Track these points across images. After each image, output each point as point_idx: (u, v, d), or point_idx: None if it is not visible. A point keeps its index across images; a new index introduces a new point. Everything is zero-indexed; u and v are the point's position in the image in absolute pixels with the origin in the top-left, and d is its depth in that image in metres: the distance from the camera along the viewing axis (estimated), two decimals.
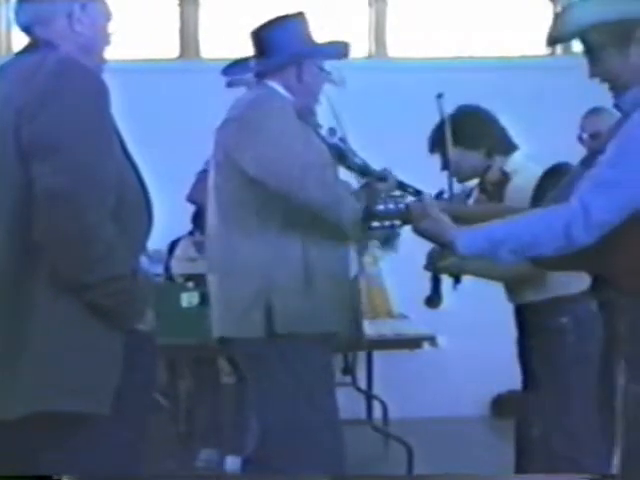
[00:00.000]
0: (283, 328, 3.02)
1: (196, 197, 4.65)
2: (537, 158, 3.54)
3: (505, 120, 3.59)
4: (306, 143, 3.08)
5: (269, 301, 3.03)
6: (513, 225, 2.40)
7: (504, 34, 6.61)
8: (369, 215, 2.52)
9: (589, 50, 2.43)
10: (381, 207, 2.49)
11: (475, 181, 3.56)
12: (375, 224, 2.51)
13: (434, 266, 3.14)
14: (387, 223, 2.49)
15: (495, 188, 3.48)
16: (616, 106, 2.45)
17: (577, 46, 2.60)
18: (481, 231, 2.42)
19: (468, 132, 3.47)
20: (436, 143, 3.47)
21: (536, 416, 3.52)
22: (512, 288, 3.49)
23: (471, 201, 3.58)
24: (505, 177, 3.46)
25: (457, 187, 3.41)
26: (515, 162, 3.48)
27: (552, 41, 2.60)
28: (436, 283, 3.25)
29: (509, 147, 3.53)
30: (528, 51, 6.64)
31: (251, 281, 3.05)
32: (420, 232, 2.48)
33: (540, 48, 6.66)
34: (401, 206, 2.49)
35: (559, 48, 6.57)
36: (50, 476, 2.19)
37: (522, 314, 3.57)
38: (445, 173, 3.35)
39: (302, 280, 3.04)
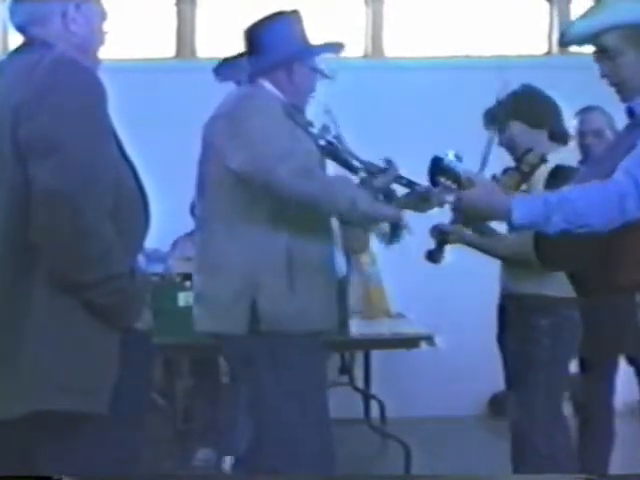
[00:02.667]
0: (267, 326, 2.99)
1: None
2: None
3: None
4: (293, 140, 3.02)
5: (253, 298, 2.99)
6: (567, 193, 2.33)
7: (501, 34, 6.61)
8: (439, 169, 2.43)
9: (603, 52, 2.40)
10: (452, 165, 2.43)
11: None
12: (442, 179, 2.42)
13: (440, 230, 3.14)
14: (449, 182, 2.41)
15: (531, 171, 3.45)
16: (628, 110, 2.43)
17: (574, 47, 2.58)
18: (536, 198, 2.34)
19: (534, 110, 3.49)
20: (495, 117, 3.47)
21: (513, 414, 3.55)
22: (513, 273, 3.48)
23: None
24: (542, 162, 3.44)
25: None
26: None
27: (566, 43, 2.56)
28: (441, 241, 3.26)
29: (565, 138, 3.54)
30: (524, 51, 6.64)
31: (235, 279, 3.02)
32: (472, 201, 2.38)
33: (536, 47, 6.66)
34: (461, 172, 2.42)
35: (555, 48, 6.57)
36: (50, 476, 2.19)
37: (506, 310, 3.58)
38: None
39: (286, 279, 3.00)
